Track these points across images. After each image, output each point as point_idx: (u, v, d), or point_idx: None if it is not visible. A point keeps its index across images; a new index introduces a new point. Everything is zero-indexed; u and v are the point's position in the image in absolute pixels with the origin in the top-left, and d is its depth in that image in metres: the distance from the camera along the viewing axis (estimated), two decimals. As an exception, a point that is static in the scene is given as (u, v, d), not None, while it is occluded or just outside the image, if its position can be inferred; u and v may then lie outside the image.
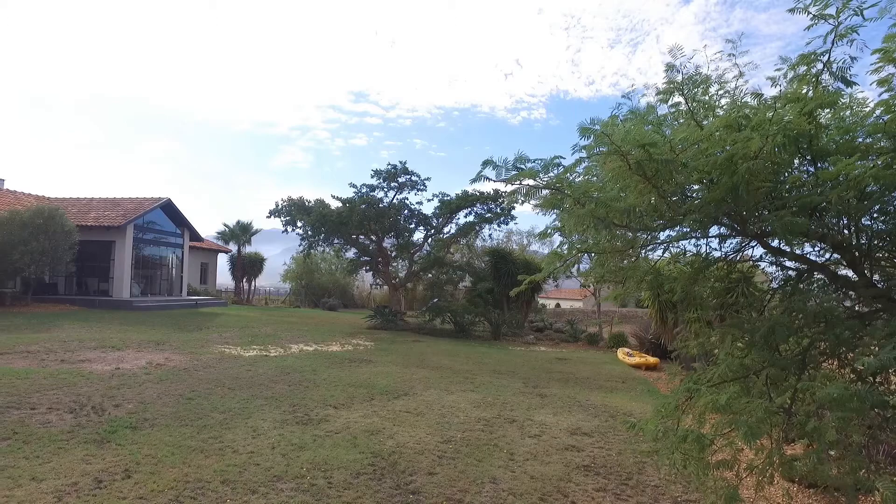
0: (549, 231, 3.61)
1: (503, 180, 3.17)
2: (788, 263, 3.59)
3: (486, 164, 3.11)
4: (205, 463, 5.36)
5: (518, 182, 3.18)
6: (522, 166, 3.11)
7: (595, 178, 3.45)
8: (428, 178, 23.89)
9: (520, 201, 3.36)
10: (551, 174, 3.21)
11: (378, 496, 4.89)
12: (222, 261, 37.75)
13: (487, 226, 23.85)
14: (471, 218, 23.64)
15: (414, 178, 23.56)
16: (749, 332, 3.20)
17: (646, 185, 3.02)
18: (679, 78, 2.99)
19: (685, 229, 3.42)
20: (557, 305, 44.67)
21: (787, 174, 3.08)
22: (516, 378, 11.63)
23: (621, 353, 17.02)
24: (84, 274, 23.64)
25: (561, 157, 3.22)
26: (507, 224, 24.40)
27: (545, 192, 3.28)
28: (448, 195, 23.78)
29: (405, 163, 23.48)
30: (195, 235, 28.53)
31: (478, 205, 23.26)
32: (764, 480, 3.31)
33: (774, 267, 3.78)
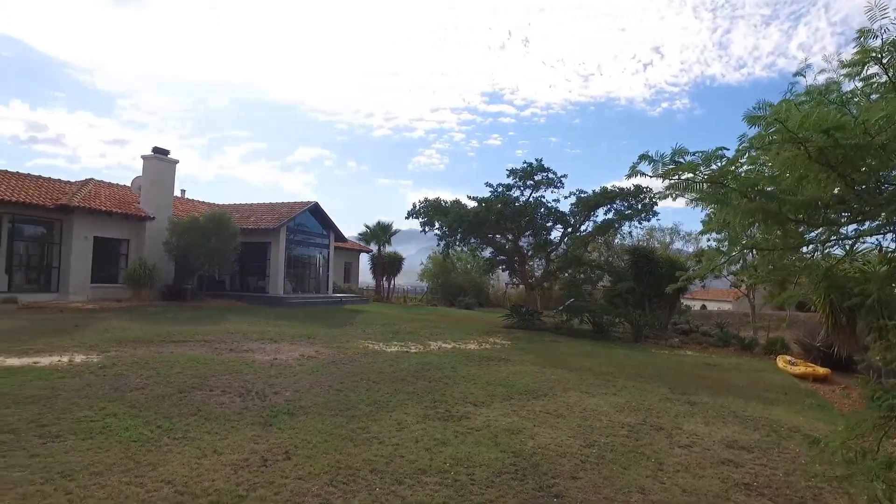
0: (713, 225, 3.30)
1: (660, 175, 2.95)
2: None
3: (642, 158, 2.92)
4: (354, 452, 5.66)
5: (676, 176, 2.95)
6: (681, 160, 2.87)
7: (763, 169, 3.10)
8: (564, 175, 23.41)
9: (675, 197, 3.11)
10: (713, 167, 2.93)
11: (521, 496, 4.84)
12: (364, 260, 40.00)
13: (627, 223, 22.80)
14: (610, 215, 22.73)
15: (550, 175, 23.19)
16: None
17: (829, 175, 2.65)
18: (877, 43, 2.56)
19: (877, 223, 2.97)
20: (703, 307, 41.67)
21: None
22: (661, 383, 10.96)
23: (782, 360, 15.38)
24: (245, 272, 26.25)
25: (724, 149, 2.93)
26: (648, 221, 23.16)
27: (705, 186, 3.00)
28: (585, 192, 23.13)
29: (541, 160, 23.17)
30: (340, 236, 30.45)
31: (617, 201, 22.33)
32: None
33: None
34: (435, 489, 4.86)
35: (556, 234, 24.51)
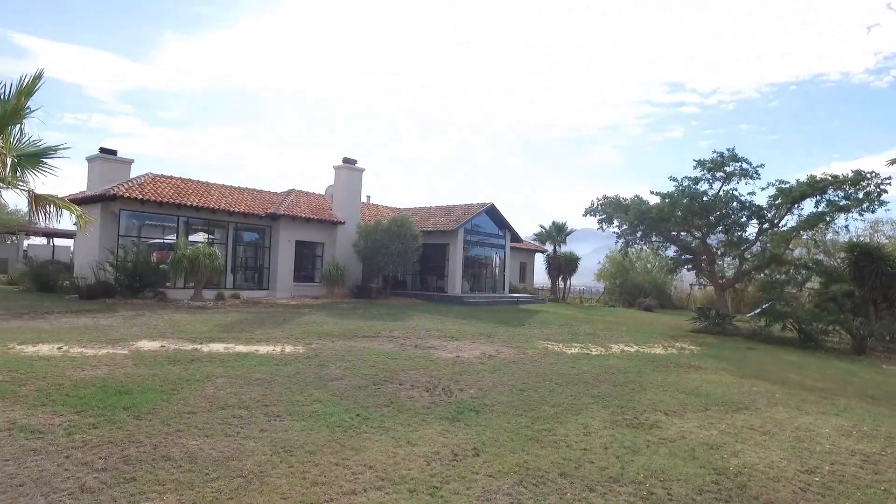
0: None
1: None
2: None
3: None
4: (541, 453, 5.56)
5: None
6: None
7: None
8: (761, 165, 20.95)
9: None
10: None
11: (729, 521, 4.35)
12: (538, 260, 39.85)
13: (843, 215, 19.63)
14: (820, 207, 19.76)
15: (744, 165, 20.91)
16: None
17: None
18: None
19: None
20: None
21: None
22: (900, 405, 9.24)
23: None
24: (425, 272, 27.62)
25: None
26: (872, 212, 19.70)
27: None
28: (786, 182, 20.45)
29: (733, 149, 20.97)
30: (515, 236, 30.65)
31: (830, 190, 19.36)
32: None
33: None
34: (629, 500, 4.57)
35: (750, 231, 22.06)
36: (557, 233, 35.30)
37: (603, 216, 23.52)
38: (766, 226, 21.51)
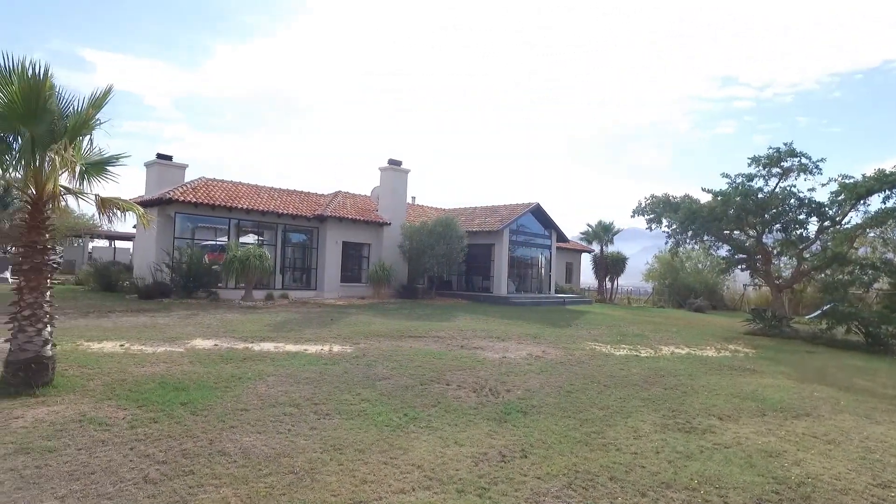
0: None
1: None
2: None
3: None
4: (590, 456, 5.46)
5: None
6: None
7: None
8: (822, 160, 20.00)
9: None
10: None
11: (791, 532, 4.17)
12: (585, 260, 39.25)
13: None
14: (889, 203, 18.67)
15: (803, 160, 20.01)
16: None
17: None
18: None
19: None
20: None
21: None
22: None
23: None
24: (470, 272, 27.58)
25: None
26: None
27: None
28: (850, 177, 19.47)
29: (791, 143, 20.10)
30: (561, 236, 30.30)
31: (902, 184, 18.29)
32: None
33: None
34: (683, 507, 4.44)
35: (810, 229, 21.10)
36: (604, 232, 34.70)
37: (652, 216, 22.96)
38: (827, 223, 20.54)
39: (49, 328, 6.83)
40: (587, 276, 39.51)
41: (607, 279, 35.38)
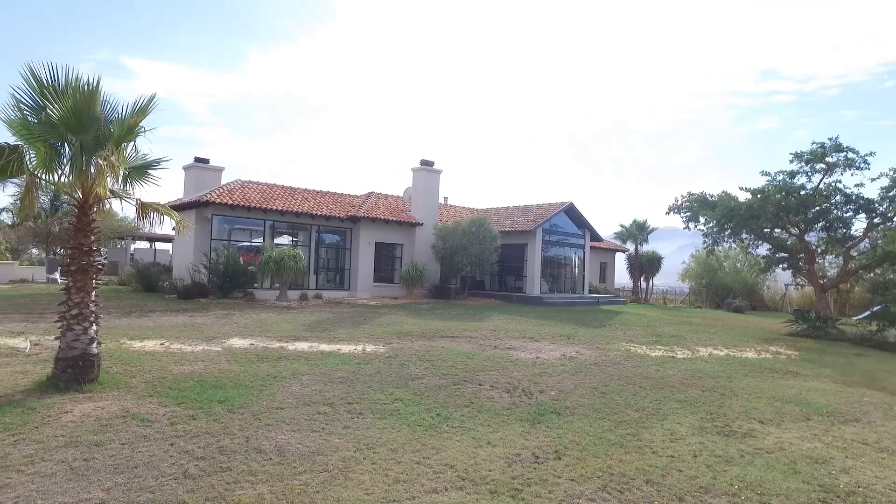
0: None
1: None
2: None
3: None
4: (626, 458, 5.38)
5: None
6: None
7: None
8: (870, 154, 19.19)
9: None
10: None
11: (837, 541, 4.02)
12: (619, 260, 38.68)
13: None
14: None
15: (850, 155, 19.26)
16: None
17: None
18: None
19: None
20: None
21: None
22: None
23: None
24: (503, 273, 27.44)
25: None
26: None
27: None
28: (903, 170, 18.68)
29: (836, 138, 19.33)
30: (595, 236, 29.91)
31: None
32: None
33: None
34: (723, 513, 4.33)
35: (857, 226, 20.31)
36: (639, 231, 34.14)
37: (688, 214, 22.46)
38: (877, 220, 19.73)
39: (94, 327, 7.07)
40: (621, 275, 38.94)
41: (642, 279, 34.80)
